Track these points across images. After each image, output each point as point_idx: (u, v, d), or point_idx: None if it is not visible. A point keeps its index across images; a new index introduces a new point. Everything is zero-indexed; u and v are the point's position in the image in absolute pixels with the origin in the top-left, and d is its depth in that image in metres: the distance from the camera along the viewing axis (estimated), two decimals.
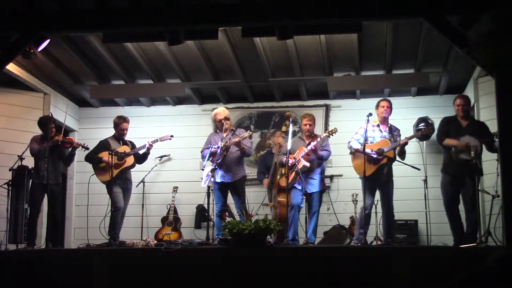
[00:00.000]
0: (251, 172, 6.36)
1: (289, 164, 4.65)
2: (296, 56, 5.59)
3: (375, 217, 4.89)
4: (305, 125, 4.95)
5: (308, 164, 4.69)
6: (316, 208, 4.80)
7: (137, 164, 5.33)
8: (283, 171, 4.86)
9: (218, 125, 5.02)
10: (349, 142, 4.70)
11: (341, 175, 6.18)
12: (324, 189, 5.01)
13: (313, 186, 4.85)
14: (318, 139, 4.84)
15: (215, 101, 6.63)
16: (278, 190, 5.01)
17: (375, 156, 4.52)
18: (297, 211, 4.75)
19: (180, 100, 6.78)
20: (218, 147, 4.72)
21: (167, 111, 6.77)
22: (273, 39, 4.52)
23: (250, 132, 5.01)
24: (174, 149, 6.39)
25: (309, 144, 4.83)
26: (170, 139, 5.38)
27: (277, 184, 4.98)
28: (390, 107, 4.74)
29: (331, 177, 6.24)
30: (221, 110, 5.08)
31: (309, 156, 4.71)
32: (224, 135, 5.05)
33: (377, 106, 4.77)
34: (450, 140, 4.43)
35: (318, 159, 4.86)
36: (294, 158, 4.62)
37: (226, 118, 4.97)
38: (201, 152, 5.07)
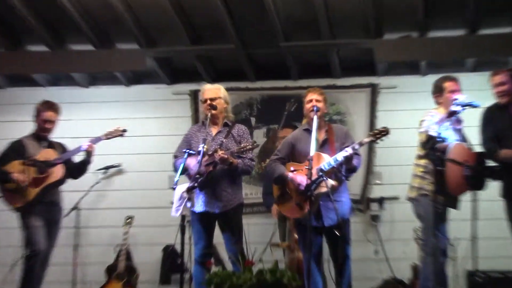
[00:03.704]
0: (251, 192, 6.39)
1: (300, 185, 4.50)
2: (323, 9, 5.58)
3: (452, 264, 5.14)
4: (310, 101, 4.74)
5: (336, 183, 4.59)
6: (349, 245, 4.71)
7: (70, 179, 5.30)
8: (287, 191, 4.70)
9: (204, 111, 5.01)
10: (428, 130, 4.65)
11: (397, 198, 6.17)
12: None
13: (343, 211, 4.70)
14: (351, 141, 4.69)
15: (194, 79, 6.64)
16: (295, 222, 4.91)
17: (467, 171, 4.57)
18: (317, 263, 4.71)
19: (137, 77, 6.81)
20: (199, 152, 4.62)
21: (117, 94, 6.80)
22: None
23: (256, 144, 4.93)
24: (128, 156, 6.46)
25: (324, 142, 4.74)
26: (122, 135, 5.29)
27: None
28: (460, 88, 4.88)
29: (381, 200, 6.29)
30: (210, 87, 5.07)
31: (335, 168, 4.57)
32: (213, 132, 4.98)
33: (441, 88, 4.86)
34: (508, 151, 4.63)
35: (348, 172, 4.74)
36: (308, 172, 4.28)
37: (212, 101, 4.89)
38: (174, 157, 5.00)
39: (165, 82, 6.80)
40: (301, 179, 4.48)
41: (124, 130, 5.31)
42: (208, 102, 4.92)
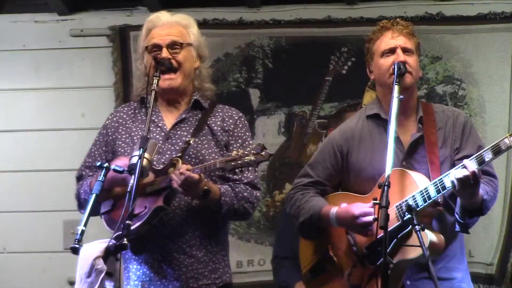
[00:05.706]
0: (251, 259, 5.70)
1: (359, 219, 3.95)
2: None
3: None
4: (387, 52, 4.07)
5: (441, 240, 3.92)
6: None
7: None
8: (330, 255, 4.11)
9: (149, 75, 4.08)
10: None
11: None
12: None
13: None
14: (475, 144, 3.98)
15: (119, 2, 5.87)
16: None
17: None
18: None
19: None
20: (134, 168, 3.64)
21: None
22: None
23: (267, 152, 3.78)
24: None
25: (414, 146, 4.09)
26: None
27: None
28: None
29: None
30: (168, 19, 4.26)
31: (439, 205, 3.87)
32: (167, 120, 4.31)
33: None
34: None
35: (469, 216, 4.00)
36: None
37: (172, 50, 4.11)
38: (77, 180, 4.16)
39: (55, 9, 5.60)
40: (362, 207, 3.85)
41: None
42: (164, 53, 4.04)
